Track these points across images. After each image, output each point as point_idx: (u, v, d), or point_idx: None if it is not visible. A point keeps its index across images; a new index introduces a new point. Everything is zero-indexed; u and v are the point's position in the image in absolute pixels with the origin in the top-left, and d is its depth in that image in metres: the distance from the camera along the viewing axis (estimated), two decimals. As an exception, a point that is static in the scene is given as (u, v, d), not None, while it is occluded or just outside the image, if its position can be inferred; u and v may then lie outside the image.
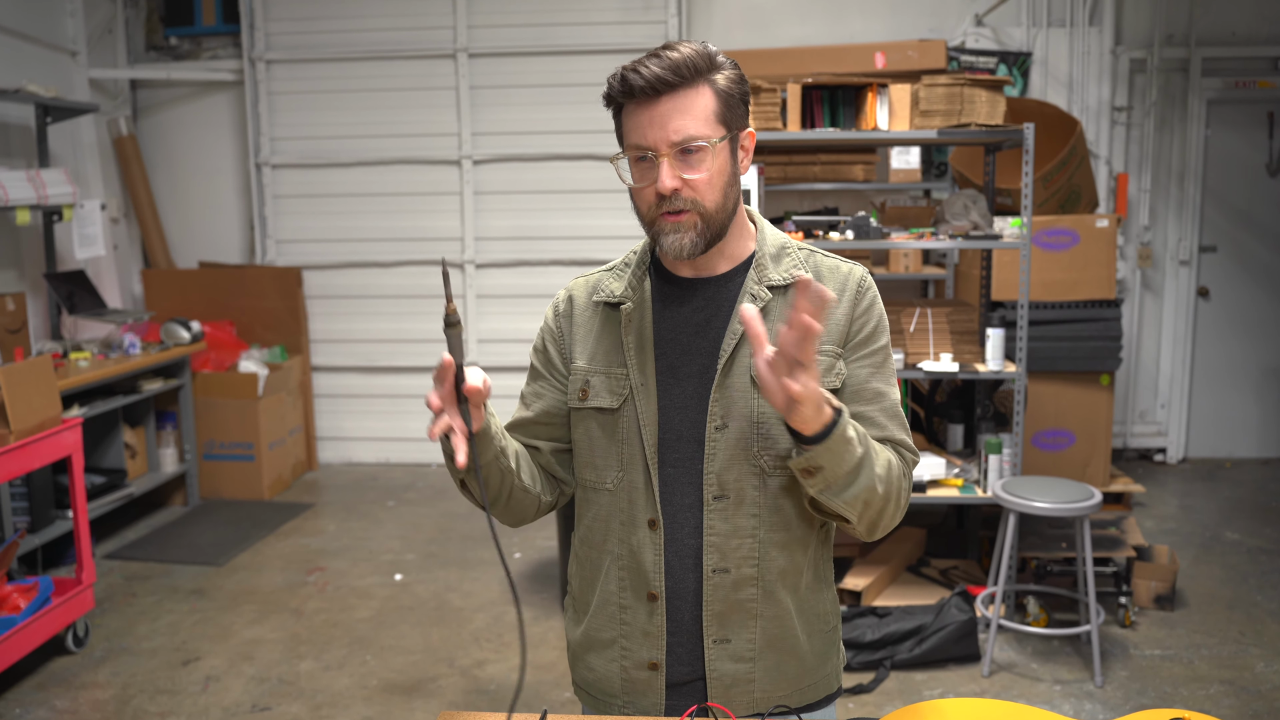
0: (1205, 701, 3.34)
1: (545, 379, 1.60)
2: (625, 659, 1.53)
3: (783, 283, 1.48)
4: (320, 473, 6.25)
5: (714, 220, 1.43)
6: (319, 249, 6.31)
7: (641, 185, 1.43)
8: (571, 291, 1.61)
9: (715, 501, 1.46)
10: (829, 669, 1.58)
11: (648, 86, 1.37)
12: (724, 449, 1.45)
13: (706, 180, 1.40)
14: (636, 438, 1.49)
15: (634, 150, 1.42)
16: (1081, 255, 4.75)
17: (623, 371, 1.50)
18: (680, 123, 1.38)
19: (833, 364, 1.46)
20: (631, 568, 1.51)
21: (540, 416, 1.60)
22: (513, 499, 1.54)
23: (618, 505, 1.52)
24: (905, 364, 4.00)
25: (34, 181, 4.91)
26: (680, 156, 1.39)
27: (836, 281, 1.50)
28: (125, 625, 4.01)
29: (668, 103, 1.38)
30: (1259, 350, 6.20)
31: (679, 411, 1.48)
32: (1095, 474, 4.85)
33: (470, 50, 6.07)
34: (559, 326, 1.60)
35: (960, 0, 5.96)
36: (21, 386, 3.62)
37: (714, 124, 1.40)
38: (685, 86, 1.39)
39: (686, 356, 1.49)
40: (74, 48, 5.81)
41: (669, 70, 1.37)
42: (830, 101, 4.01)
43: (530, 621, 4.05)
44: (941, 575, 4.27)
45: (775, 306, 1.47)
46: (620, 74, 1.40)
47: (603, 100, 1.44)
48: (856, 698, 3.41)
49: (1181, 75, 5.97)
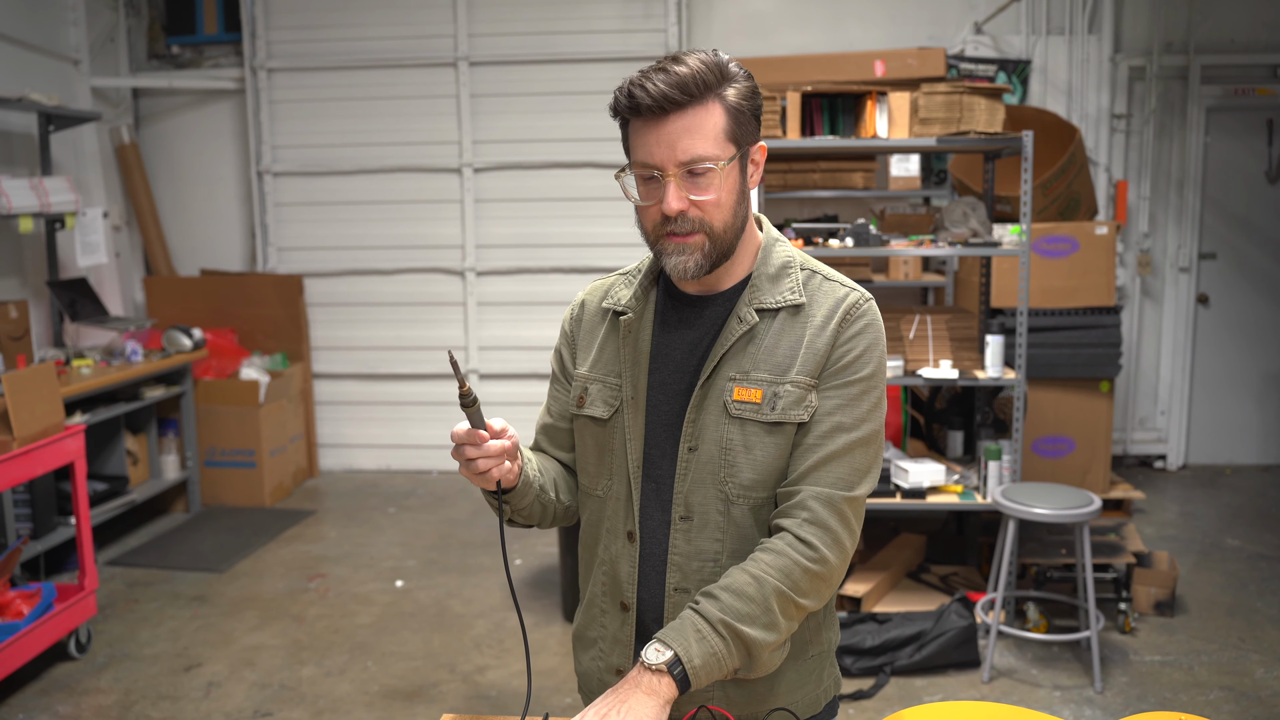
0: (1205, 707, 3.34)
1: (560, 382, 1.62)
2: (600, 660, 1.56)
3: (774, 306, 1.44)
4: (321, 479, 6.26)
5: (722, 240, 1.40)
6: (320, 256, 6.33)
7: (647, 204, 1.40)
8: (586, 296, 1.62)
9: (681, 522, 1.45)
10: (804, 694, 1.52)
11: (655, 105, 1.33)
12: (694, 471, 1.44)
13: (714, 202, 1.37)
14: (623, 450, 1.49)
15: (640, 168, 1.38)
16: (1081, 262, 4.76)
17: (617, 383, 1.50)
18: (688, 143, 1.34)
19: (803, 396, 1.40)
20: (611, 575, 1.52)
21: (559, 420, 1.62)
22: (556, 517, 1.61)
23: (605, 513, 1.53)
24: (905, 370, 4.01)
25: (36, 189, 4.93)
26: (688, 177, 1.36)
27: (828, 306, 1.44)
28: (127, 631, 4.02)
29: (675, 121, 1.34)
30: (1259, 357, 6.21)
31: (664, 429, 1.47)
32: (1095, 480, 4.85)
33: (471, 58, 6.10)
34: (571, 330, 1.62)
35: (960, 8, 5.98)
36: (24, 393, 3.63)
37: (723, 143, 1.36)
38: (694, 105, 1.34)
39: (678, 373, 1.47)
40: (76, 56, 5.83)
41: (676, 88, 1.32)
42: (830, 109, 4.03)
43: (531, 628, 4.05)
44: (941, 581, 4.27)
45: (763, 330, 1.44)
46: (627, 89, 1.35)
47: (609, 112, 1.41)
48: (857, 703, 3.42)
49: (1180, 83, 5.98)
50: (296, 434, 6.03)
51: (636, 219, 1.44)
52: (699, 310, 1.48)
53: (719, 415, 1.42)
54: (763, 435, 1.41)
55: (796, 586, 1.36)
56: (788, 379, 1.41)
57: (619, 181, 1.44)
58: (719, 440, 1.42)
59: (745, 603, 1.34)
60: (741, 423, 1.41)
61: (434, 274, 6.30)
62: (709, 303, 1.48)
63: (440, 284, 6.30)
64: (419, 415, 6.36)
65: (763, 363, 1.42)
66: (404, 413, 6.38)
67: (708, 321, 1.47)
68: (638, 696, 1.29)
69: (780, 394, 1.40)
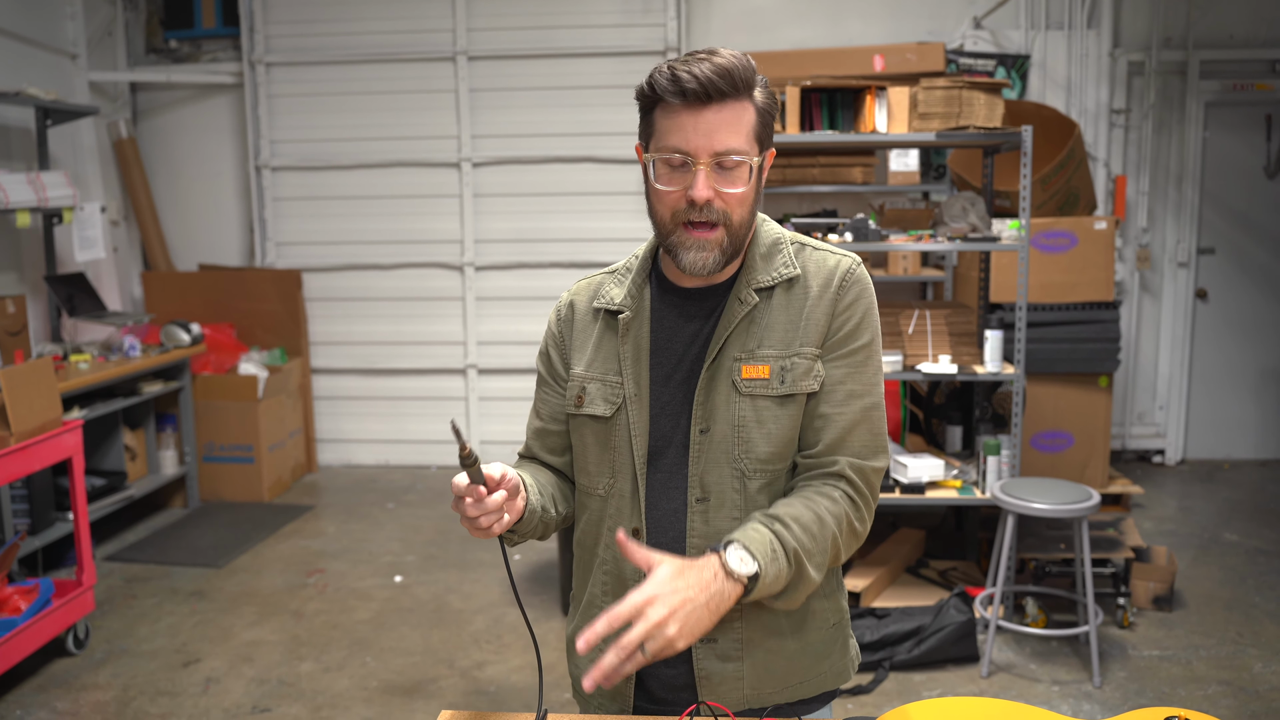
0: (1203, 702, 3.35)
1: (549, 384, 1.61)
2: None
3: (770, 283, 1.46)
4: (320, 475, 6.25)
5: (737, 237, 1.41)
6: (319, 251, 6.32)
7: (670, 189, 1.39)
8: (573, 296, 1.61)
9: (698, 504, 1.46)
10: (827, 666, 1.54)
11: (700, 90, 1.33)
12: (707, 452, 1.45)
13: (740, 196, 1.38)
14: (627, 446, 1.49)
15: (670, 152, 1.37)
16: (1080, 257, 4.76)
17: (618, 380, 1.50)
18: (725, 135, 1.35)
19: (811, 366, 1.43)
20: (614, 574, 1.52)
21: (550, 423, 1.61)
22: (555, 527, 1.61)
23: (606, 511, 1.52)
24: (904, 366, 4.01)
25: (34, 184, 4.92)
26: (717, 168, 1.36)
27: (822, 275, 1.46)
28: (125, 627, 4.02)
29: (715, 111, 1.34)
30: (1257, 352, 6.21)
31: (668, 418, 1.48)
32: (1094, 475, 4.86)
33: (470, 53, 6.09)
34: (560, 332, 1.61)
35: (959, 3, 5.97)
36: (22, 389, 3.62)
37: (752, 141, 1.38)
38: (734, 98, 1.35)
39: (680, 365, 1.48)
40: (74, 51, 5.82)
41: (723, 77, 1.33)
42: (829, 104, 4.03)
43: (530, 623, 4.05)
44: (940, 576, 4.27)
45: (763, 308, 1.46)
46: (670, 72, 1.34)
47: (637, 95, 1.40)
48: (855, 698, 3.42)
49: (1179, 78, 5.98)
50: (295, 429, 6.03)
51: (649, 206, 1.44)
52: (697, 302, 1.49)
53: (729, 394, 1.44)
54: (775, 409, 1.43)
55: (843, 538, 1.40)
56: (793, 351, 1.43)
57: (643, 163, 1.42)
58: (731, 419, 1.44)
59: (812, 540, 1.36)
60: (753, 399, 1.43)
61: (433, 269, 6.29)
62: (707, 294, 1.49)
63: (439, 279, 6.30)
64: (418, 410, 6.36)
65: (766, 340, 1.44)
66: (403, 408, 6.38)
67: (707, 311, 1.48)
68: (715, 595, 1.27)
69: (788, 367, 1.43)
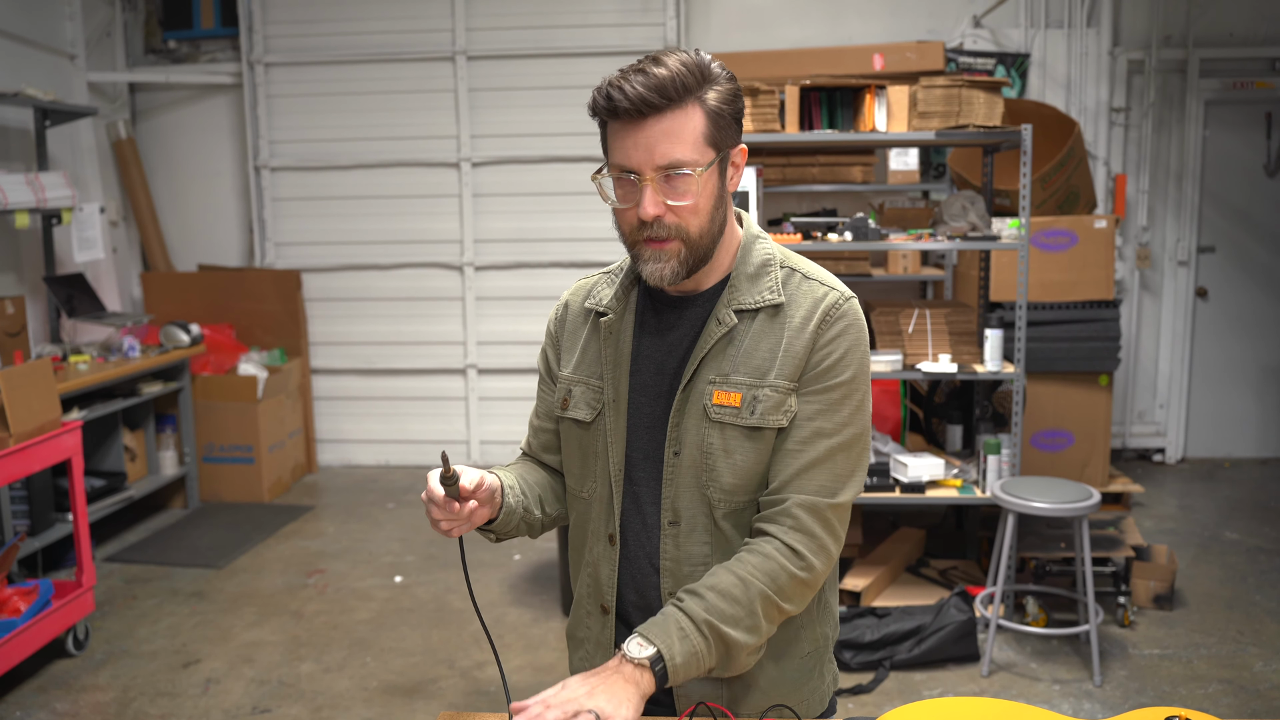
0: (1204, 700, 3.35)
1: (546, 383, 1.62)
2: (587, 661, 1.54)
3: (753, 307, 1.41)
4: (320, 475, 6.25)
5: (698, 246, 1.38)
6: (318, 252, 6.32)
7: (624, 206, 1.38)
8: (570, 296, 1.61)
9: (670, 527, 1.44)
10: (806, 693, 1.50)
11: (632, 108, 1.30)
12: (678, 475, 1.43)
13: (691, 208, 1.35)
14: (605, 453, 1.48)
15: (618, 170, 1.36)
16: (1080, 256, 4.76)
17: (600, 385, 1.49)
18: (666, 147, 1.32)
19: (783, 400, 1.38)
20: (594, 577, 1.52)
21: (545, 421, 1.62)
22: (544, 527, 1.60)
23: (590, 515, 1.52)
24: (904, 365, 4.01)
25: (33, 185, 4.91)
26: (665, 181, 1.34)
27: (806, 307, 1.41)
28: (125, 628, 4.02)
29: (654, 125, 1.31)
30: (1257, 350, 6.21)
31: (646, 431, 1.46)
32: (1094, 474, 4.86)
33: (469, 53, 6.08)
34: (555, 332, 1.61)
35: (958, 2, 5.96)
36: (21, 390, 3.62)
37: (702, 147, 1.33)
38: (673, 108, 1.31)
39: (658, 376, 1.46)
40: (73, 51, 5.81)
41: (655, 91, 1.29)
42: (829, 103, 4.02)
43: (530, 623, 4.05)
44: (941, 575, 4.27)
45: (742, 331, 1.42)
46: (605, 90, 1.32)
47: (588, 111, 1.39)
48: (856, 698, 3.42)
49: (1179, 76, 5.97)
50: (295, 429, 6.03)
51: (614, 221, 1.43)
52: (679, 311, 1.46)
53: (699, 419, 1.41)
54: (742, 440, 1.39)
55: (781, 591, 1.36)
56: (766, 382, 1.39)
57: (595, 183, 1.41)
58: (700, 444, 1.41)
59: (730, 604, 1.33)
60: (721, 426, 1.40)
61: (432, 269, 6.29)
62: (689, 303, 1.46)
63: (439, 279, 6.30)
64: (418, 410, 6.36)
65: (742, 365, 1.40)
66: (403, 408, 6.38)
67: (688, 323, 1.45)
68: (618, 681, 1.27)
69: (759, 398, 1.38)
